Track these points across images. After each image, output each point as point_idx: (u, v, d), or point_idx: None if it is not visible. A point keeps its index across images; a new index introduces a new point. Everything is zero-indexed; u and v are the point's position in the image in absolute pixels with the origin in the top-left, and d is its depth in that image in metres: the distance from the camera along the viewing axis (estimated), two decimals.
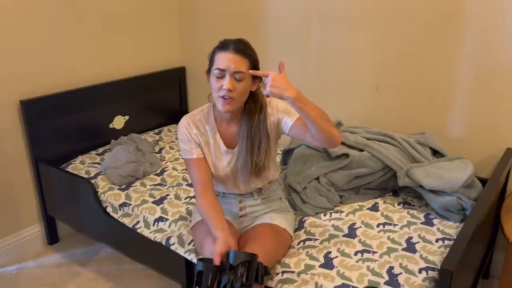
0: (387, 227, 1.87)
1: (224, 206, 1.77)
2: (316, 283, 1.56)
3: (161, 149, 2.76)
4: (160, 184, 2.32)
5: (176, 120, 3.14)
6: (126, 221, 2.10)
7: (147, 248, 2.05)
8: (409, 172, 1.99)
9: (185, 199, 2.15)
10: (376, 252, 1.71)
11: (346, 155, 2.08)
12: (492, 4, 2.02)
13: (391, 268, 1.61)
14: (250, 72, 1.53)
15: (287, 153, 2.30)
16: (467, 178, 1.91)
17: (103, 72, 2.76)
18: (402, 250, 1.71)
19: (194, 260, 1.79)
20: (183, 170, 2.46)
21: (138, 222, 2.06)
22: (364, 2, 2.35)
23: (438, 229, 1.84)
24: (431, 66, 2.25)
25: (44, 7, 2.42)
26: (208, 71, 1.62)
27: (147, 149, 2.63)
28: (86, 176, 2.39)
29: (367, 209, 2.01)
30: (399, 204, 2.05)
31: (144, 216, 2.06)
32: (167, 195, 2.19)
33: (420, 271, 1.58)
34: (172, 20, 3.11)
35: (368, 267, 1.62)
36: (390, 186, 2.14)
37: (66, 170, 2.45)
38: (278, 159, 2.38)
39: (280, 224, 1.74)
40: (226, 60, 1.53)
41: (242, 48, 1.56)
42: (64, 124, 2.55)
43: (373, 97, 2.47)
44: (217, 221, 1.56)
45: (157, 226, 1.99)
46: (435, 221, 1.90)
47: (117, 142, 2.72)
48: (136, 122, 2.94)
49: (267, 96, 1.55)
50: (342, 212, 2.00)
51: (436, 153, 2.19)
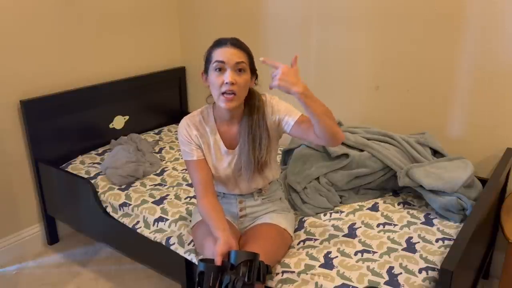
0: (387, 227, 1.87)
1: (225, 206, 1.77)
2: (316, 283, 1.56)
3: (161, 149, 2.76)
4: (160, 184, 2.32)
5: (176, 120, 3.15)
6: (126, 221, 2.10)
7: (147, 248, 2.05)
8: (409, 172, 1.99)
9: (185, 199, 2.15)
10: (376, 252, 1.71)
11: (346, 155, 2.08)
12: (492, 4, 2.02)
13: (391, 268, 1.61)
14: (261, 59, 1.48)
15: (287, 153, 2.30)
16: (467, 178, 1.91)
17: (103, 72, 2.76)
18: (402, 250, 1.71)
19: (194, 260, 1.79)
20: (183, 170, 2.46)
21: (138, 222, 2.06)
22: (364, 2, 2.35)
23: (438, 229, 1.84)
24: (431, 66, 2.25)
25: (44, 7, 2.42)
26: (205, 71, 1.62)
27: (147, 149, 2.63)
28: (86, 176, 2.39)
29: (367, 209, 2.01)
30: (399, 204, 2.05)
31: (144, 216, 2.06)
32: (167, 195, 2.19)
33: (420, 271, 1.58)
34: (172, 20, 3.11)
35: (368, 267, 1.62)
36: (390, 186, 2.14)
37: (66, 170, 2.45)
38: (278, 159, 2.38)
39: (280, 224, 1.74)
40: (225, 53, 1.54)
41: (239, 42, 1.58)
42: (64, 124, 2.55)
43: (373, 97, 2.47)
44: (218, 221, 1.56)
45: (157, 226, 1.99)
46: (435, 221, 1.90)
47: (117, 142, 2.72)
48: (136, 122, 2.94)
49: (270, 88, 1.52)
50: (342, 212, 2.00)
51: (436, 153, 2.19)
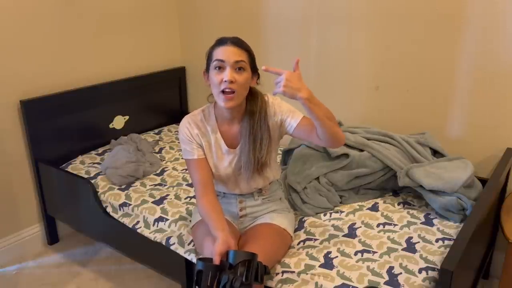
0: (387, 227, 1.87)
1: (224, 206, 1.77)
2: (316, 283, 1.56)
3: (161, 149, 2.76)
4: (160, 184, 2.32)
5: (176, 120, 3.15)
6: (126, 221, 2.10)
7: (147, 248, 2.05)
8: (409, 172, 1.99)
9: (185, 199, 2.15)
10: (376, 252, 1.70)
11: (346, 155, 2.08)
12: (493, 5, 2.02)
13: (391, 268, 1.61)
14: (263, 68, 1.49)
15: (287, 153, 2.30)
16: (467, 178, 1.91)
17: (103, 72, 2.76)
18: (402, 250, 1.71)
19: (194, 260, 1.79)
20: (183, 170, 2.46)
21: (138, 222, 2.06)
22: (365, 2, 2.35)
23: (438, 229, 1.84)
24: (432, 66, 2.25)
25: (44, 7, 2.42)
26: (207, 70, 1.62)
27: (147, 149, 2.63)
28: (86, 176, 2.39)
29: (367, 209, 2.01)
30: (399, 204, 2.05)
31: (144, 216, 2.06)
32: (167, 195, 2.19)
33: (420, 271, 1.58)
34: (172, 20, 3.11)
35: (368, 267, 1.62)
36: (390, 186, 2.14)
37: (66, 170, 2.45)
38: (278, 159, 2.38)
39: (280, 224, 1.74)
40: (225, 51, 1.54)
41: (240, 41, 1.59)
42: (64, 124, 2.55)
43: (373, 97, 2.47)
44: (217, 221, 1.56)
45: (157, 226, 1.99)
46: (435, 221, 1.90)
47: (117, 142, 2.72)
48: (136, 122, 2.94)
49: (274, 94, 1.53)
50: (342, 212, 2.00)
51: (436, 153, 2.19)
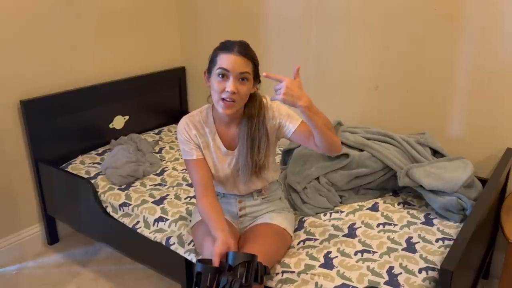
0: (387, 227, 1.87)
1: (224, 206, 1.77)
2: (316, 283, 1.56)
3: (161, 149, 2.76)
4: (160, 184, 2.32)
5: (176, 120, 3.14)
6: (126, 221, 2.10)
7: (147, 248, 2.05)
8: (409, 172, 1.99)
9: (185, 199, 2.15)
10: (376, 252, 1.71)
11: (346, 155, 2.08)
12: (491, 5, 2.02)
13: (391, 268, 1.61)
14: (264, 74, 1.47)
15: (287, 153, 2.30)
16: (467, 178, 1.91)
17: (103, 72, 2.76)
18: (402, 250, 1.71)
19: (194, 260, 1.79)
20: (183, 170, 2.46)
21: (138, 222, 2.06)
22: (364, 2, 2.35)
23: (438, 229, 1.85)
24: (431, 66, 2.25)
25: (44, 7, 2.42)
26: (208, 72, 1.61)
27: (147, 149, 2.63)
28: (86, 176, 2.39)
29: (367, 209, 2.01)
30: (399, 204, 2.05)
31: (144, 216, 2.06)
32: (167, 195, 2.19)
33: (420, 271, 1.58)
34: (172, 20, 3.11)
35: (368, 267, 1.62)
36: (390, 186, 2.14)
37: (66, 170, 2.45)
38: (278, 159, 2.38)
39: (280, 224, 1.74)
40: (230, 61, 1.52)
41: (245, 50, 1.55)
42: (64, 124, 2.55)
43: (372, 97, 2.47)
44: (217, 222, 1.56)
45: (157, 226, 1.99)
46: (435, 221, 1.90)
47: (117, 142, 2.72)
48: (136, 122, 2.94)
49: (272, 101, 1.53)
50: (342, 212, 2.00)
51: (436, 153, 2.19)
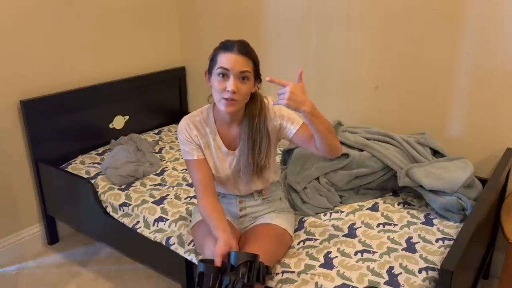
0: (387, 227, 1.87)
1: (225, 206, 1.77)
2: (316, 283, 1.56)
3: (161, 149, 2.76)
4: (160, 184, 2.32)
5: (176, 120, 3.15)
6: (126, 221, 2.10)
7: (147, 248, 2.05)
8: (409, 172, 1.99)
9: (185, 199, 2.15)
10: (376, 252, 1.71)
11: (346, 155, 2.08)
12: (491, 5, 2.02)
13: (391, 268, 1.61)
14: (267, 79, 1.46)
15: (287, 153, 2.30)
16: (467, 178, 1.91)
17: (103, 72, 2.76)
18: (402, 250, 1.71)
19: (194, 260, 1.79)
20: (183, 170, 2.46)
21: (138, 222, 2.06)
22: (364, 2, 2.35)
23: (438, 229, 1.85)
24: (431, 66, 2.25)
25: (44, 7, 2.42)
26: (209, 72, 1.61)
27: (147, 149, 2.63)
28: (86, 176, 2.39)
29: (367, 209, 2.01)
30: (399, 204, 2.06)
31: (144, 216, 2.06)
32: (167, 195, 2.19)
33: (420, 271, 1.58)
34: (172, 20, 3.11)
35: (368, 267, 1.62)
36: (390, 186, 2.14)
37: (66, 170, 2.45)
38: (278, 159, 2.38)
39: (280, 225, 1.74)
40: (230, 60, 1.52)
41: (246, 49, 1.55)
42: (64, 124, 2.55)
43: (373, 97, 2.47)
44: (218, 222, 1.56)
45: (157, 226, 1.99)
46: (435, 221, 1.90)
47: (117, 142, 2.72)
48: (136, 122, 2.94)
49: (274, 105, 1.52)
50: (342, 212, 2.00)
51: (436, 153, 2.19)
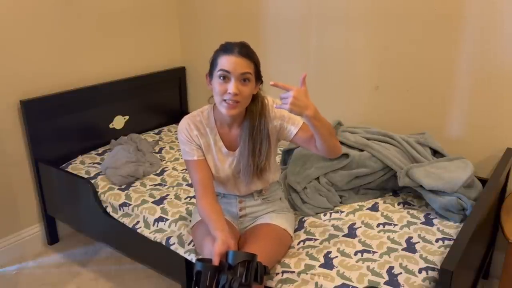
0: (387, 227, 1.87)
1: (224, 206, 1.77)
2: (316, 283, 1.56)
3: (161, 149, 2.76)
4: (160, 184, 2.32)
5: (176, 120, 3.15)
6: (126, 221, 2.10)
7: (147, 248, 2.05)
8: (409, 172, 1.99)
9: (185, 199, 2.15)
10: (376, 252, 1.71)
11: (346, 155, 2.08)
12: (491, 5, 2.02)
13: (391, 268, 1.61)
14: (271, 83, 1.45)
15: (287, 153, 2.30)
16: (467, 178, 1.91)
17: (103, 72, 2.76)
18: (402, 250, 1.71)
19: (194, 260, 1.79)
20: (183, 170, 2.46)
21: (138, 222, 2.06)
22: (364, 2, 2.35)
23: (438, 229, 1.85)
24: (431, 66, 2.25)
25: (44, 7, 2.42)
26: (210, 74, 1.61)
27: (147, 149, 2.63)
28: (86, 176, 2.39)
29: (367, 209, 2.01)
30: (399, 204, 2.06)
31: (144, 216, 2.06)
32: (167, 195, 2.19)
33: (420, 271, 1.58)
34: (172, 20, 3.11)
35: (368, 267, 1.62)
36: (390, 186, 2.14)
37: (66, 170, 2.45)
38: (278, 159, 2.38)
39: (280, 225, 1.74)
40: (231, 62, 1.51)
41: (246, 51, 1.55)
42: (64, 124, 2.55)
43: (373, 97, 2.47)
44: (216, 222, 1.56)
45: (157, 226, 1.99)
46: (435, 221, 1.90)
47: (117, 142, 2.72)
48: (136, 122, 2.94)
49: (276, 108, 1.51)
50: (342, 212, 2.00)
51: (436, 153, 2.20)
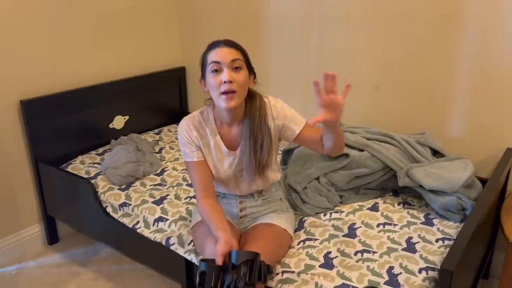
0: (387, 227, 1.87)
1: (225, 206, 1.77)
2: (316, 283, 1.56)
3: (161, 149, 2.76)
4: (160, 184, 2.32)
5: (176, 120, 3.15)
6: (126, 221, 2.10)
7: (147, 248, 2.05)
8: (409, 172, 1.99)
9: (185, 199, 2.15)
10: (376, 252, 1.71)
11: (346, 155, 2.08)
12: (491, 5, 2.02)
13: (391, 268, 1.61)
14: (313, 81, 1.34)
15: (287, 153, 2.30)
16: (467, 178, 1.91)
17: (103, 72, 2.76)
18: (402, 250, 1.71)
19: (194, 260, 1.79)
20: (183, 170, 2.46)
21: (138, 222, 2.06)
22: (364, 2, 2.35)
23: (438, 229, 1.85)
24: (431, 66, 2.25)
25: (44, 7, 2.42)
26: (203, 76, 1.63)
27: (147, 149, 2.63)
28: (86, 176, 2.39)
29: (367, 209, 2.01)
30: (399, 204, 2.05)
31: (144, 216, 2.06)
32: (167, 195, 2.19)
33: (420, 271, 1.58)
34: (171, 20, 3.11)
35: (368, 267, 1.62)
36: (390, 186, 2.14)
37: (66, 170, 2.45)
38: (278, 159, 2.38)
39: (280, 225, 1.74)
40: (220, 53, 1.55)
41: (232, 42, 1.60)
42: (64, 124, 2.55)
43: (373, 97, 2.47)
44: (218, 222, 1.56)
45: (157, 226, 1.99)
46: (435, 221, 1.90)
47: (117, 142, 2.72)
48: (136, 122, 2.94)
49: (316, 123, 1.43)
50: (342, 212, 2.00)
51: (436, 153, 2.19)
